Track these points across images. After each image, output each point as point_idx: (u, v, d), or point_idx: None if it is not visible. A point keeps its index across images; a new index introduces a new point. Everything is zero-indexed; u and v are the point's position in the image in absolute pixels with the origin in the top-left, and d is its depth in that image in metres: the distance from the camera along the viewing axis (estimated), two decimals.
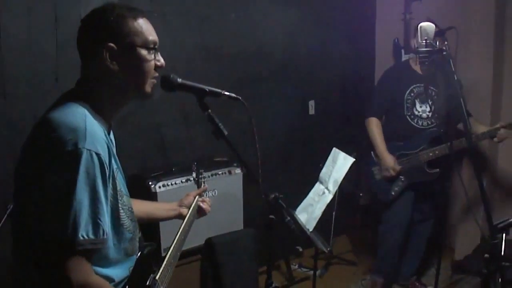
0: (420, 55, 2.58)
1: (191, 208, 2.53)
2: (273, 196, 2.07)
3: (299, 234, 2.35)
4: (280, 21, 4.69)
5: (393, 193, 4.22)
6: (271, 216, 2.06)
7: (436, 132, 4.13)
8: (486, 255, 2.57)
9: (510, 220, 2.71)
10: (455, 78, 3.85)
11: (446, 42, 2.73)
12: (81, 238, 1.59)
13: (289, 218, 2.07)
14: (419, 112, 4.19)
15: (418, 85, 4.17)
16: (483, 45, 4.73)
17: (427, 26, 2.56)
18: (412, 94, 4.18)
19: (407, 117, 4.20)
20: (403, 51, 5.15)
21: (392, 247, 4.35)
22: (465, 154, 4.71)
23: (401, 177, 4.20)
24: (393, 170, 4.16)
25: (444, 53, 2.55)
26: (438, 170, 4.15)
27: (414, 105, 4.19)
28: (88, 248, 1.62)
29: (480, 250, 4.84)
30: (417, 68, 4.19)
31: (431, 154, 4.10)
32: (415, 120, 4.20)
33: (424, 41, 2.54)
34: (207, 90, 1.99)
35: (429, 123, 4.20)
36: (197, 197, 2.63)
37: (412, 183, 4.21)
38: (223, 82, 4.27)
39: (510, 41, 4.75)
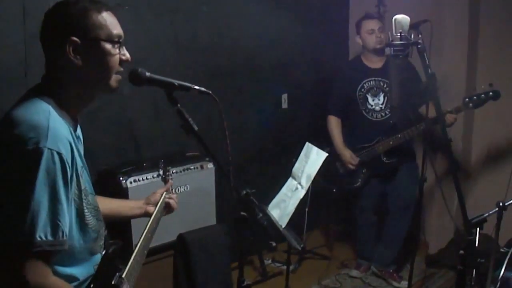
0: (395, 48, 2.55)
1: (158, 205, 2.47)
2: (244, 192, 2.03)
3: (271, 231, 2.31)
4: (253, 14, 4.63)
5: (357, 184, 4.42)
6: (243, 213, 2.02)
7: (390, 123, 4.27)
8: (461, 252, 2.56)
9: (484, 216, 2.71)
10: (430, 71, 3.86)
11: (420, 35, 2.69)
12: (39, 239, 1.55)
13: (261, 215, 2.03)
14: (372, 105, 4.34)
15: (369, 79, 4.32)
16: (457, 38, 4.76)
17: (402, 18, 2.51)
18: (363, 89, 4.33)
19: (362, 111, 4.36)
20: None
21: (364, 229, 4.64)
22: (439, 147, 4.73)
23: (362, 169, 4.38)
24: (351, 163, 4.34)
25: (419, 46, 2.53)
26: (395, 159, 4.30)
27: (367, 99, 4.34)
28: (46, 250, 1.58)
29: (454, 244, 4.87)
30: (368, 62, 4.36)
31: (386, 145, 4.23)
32: (370, 114, 4.35)
33: (398, 34, 2.51)
34: (176, 84, 1.94)
35: (383, 115, 4.34)
36: (164, 193, 2.57)
37: (376, 173, 4.41)
38: (195, 75, 4.22)
39: (483, 34, 4.77)
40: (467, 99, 4.01)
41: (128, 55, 1.85)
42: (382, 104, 4.33)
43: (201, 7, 4.35)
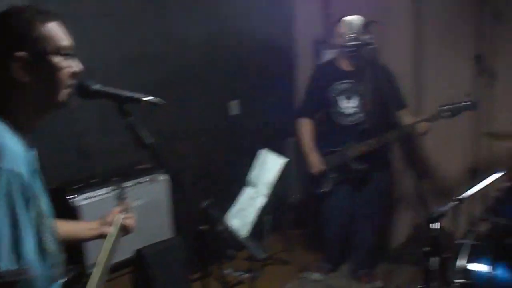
0: (348, 49, 2.53)
1: (114, 226, 2.35)
2: (205, 204, 1.97)
3: (233, 242, 2.26)
4: (200, 20, 4.56)
5: (324, 189, 4.28)
6: (204, 226, 1.96)
7: (362, 127, 4.15)
8: (426, 248, 2.56)
9: (443, 209, 2.73)
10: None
11: (370, 36, 2.67)
12: (4, 269, 1.46)
13: (223, 226, 1.97)
14: (344, 108, 4.22)
15: (341, 81, 4.20)
16: (402, 38, 4.83)
17: (354, 20, 2.51)
18: (336, 91, 4.21)
19: (334, 114, 4.24)
20: (323, 46, 5.13)
21: (331, 240, 4.53)
22: (398, 145, 4.76)
23: (332, 174, 4.25)
24: (317, 168, 4.23)
25: (372, 46, 2.51)
26: (366, 165, 4.17)
27: (339, 102, 4.22)
28: (11, 280, 1.48)
29: (414, 238, 4.91)
30: (341, 64, 4.21)
31: (357, 150, 4.12)
32: (342, 117, 4.23)
33: (351, 35, 2.49)
34: (126, 96, 1.86)
35: (356, 118, 4.22)
36: (120, 213, 2.44)
37: (344, 179, 4.26)
38: (140, 85, 4.09)
39: (428, 34, 4.85)
40: (443, 108, 3.94)
41: (80, 66, 1.76)
42: (355, 107, 4.22)
43: (146, 14, 4.25)
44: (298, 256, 5.02)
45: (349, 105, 4.20)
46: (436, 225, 2.63)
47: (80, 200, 3.51)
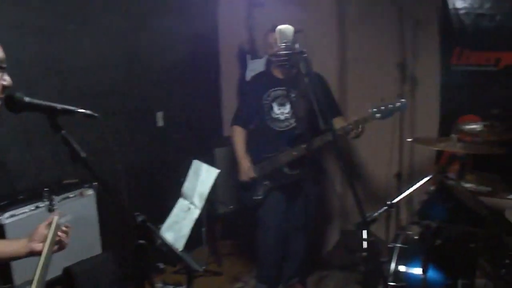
0: (280, 58, 2.53)
1: (47, 241, 2.23)
2: (140, 219, 1.91)
3: (170, 256, 2.22)
4: (122, 31, 4.48)
5: (257, 197, 4.24)
6: (141, 241, 1.91)
7: (294, 133, 4.16)
8: (364, 254, 2.59)
9: (375, 214, 2.78)
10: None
11: (297, 45, 2.68)
12: None
13: (160, 241, 1.93)
14: (277, 114, 4.23)
15: (275, 88, 4.21)
16: (327, 46, 4.94)
17: (286, 28, 2.50)
18: (269, 98, 4.22)
19: (267, 121, 4.24)
20: (248, 56, 5.14)
21: (267, 252, 4.40)
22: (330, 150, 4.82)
23: (264, 181, 4.23)
24: (247, 176, 4.21)
25: (305, 55, 2.52)
26: (298, 171, 4.16)
27: (272, 108, 4.22)
28: None
29: (343, 244, 4.99)
30: (276, 72, 4.24)
31: (289, 156, 4.11)
32: (275, 123, 4.24)
33: (283, 44, 2.49)
34: (59, 108, 1.79)
35: (288, 124, 4.23)
36: (52, 227, 2.31)
37: (279, 186, 4.24)
38: (66, 98, 3.98)
39: (351, 42, 4.99)
40: (375, 109, 3.94)
41: (9, 79, 1.68)
42: (287, 113, 4.21)
43: (70, 26, 4.13)
44: (230, 267, 5.00)
45: (281, 112, 4.22)
46: (369, 230, 2.66)
47: (4, 218, 3.35)
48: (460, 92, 4.77)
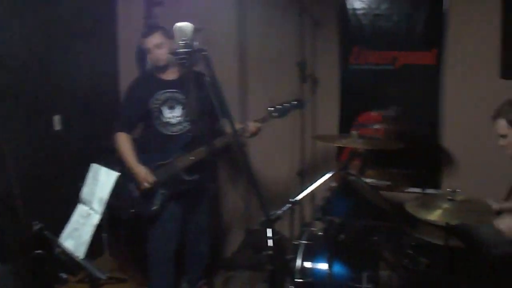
0: (180, 56, 2.48)
1: None
2: (37, 227, 1.82)
3: (70, 265, 2.13)
4: (20, 32, 4.28)
5: (154, 207, 4.02)
6: (39, 251, 1.82)
7: (189, 137, 4.03)
8: (269, 252, 2.58)
9: (278, 212, 2.79)
10: (215, 77, 3.87)
11: (196, 43, 2.63)
12: None
13: (59, 249, 1.84)
14: (168, 118, 4.05)
15: (163, 91, 4.04)
16: (226, 46, 4.94)
17: (185, 26, 2.45)
18: (158, 102, 4.03)
19: (157, 125, 4.05)
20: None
21: (162, 263, 4.22)
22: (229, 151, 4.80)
23: (160, 189, 4.02)
24: (147, 181, 3.95)
25: (205, 53, 2.49)
26: (197, 176, 4.04)
27: (162, 112, 4.04)
28: None
29: (245, 243, 5.01)
30: (161, 74, 4.08)
31: (186, 160, 3.97)
32: (166, 127, 4.05)
33: (182, 42, 2.44)
34: None
35: (181, 128, 4.08)
36: None
37: (175, 193, 4.06)
38: None
39: (251, 42, 5.06)
40: (272, 108, 4.00)
41: None
42: (179, 116, 4.05)
43: None
44: (135, 273, 4.88)
45: (173, 115, 4.05)
46: (273, 228, 2.65)
47: None
48: (359, 91, 4.91)
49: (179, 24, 2.47)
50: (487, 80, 4.38)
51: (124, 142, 4.06)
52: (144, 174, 3.95)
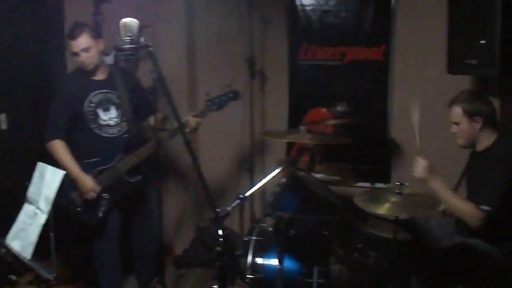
0: (125, 52, 2.44)
1: None
2: None
3: (17, 266, 2.08)
4: None
5: (100, 214, 3.86)
6: None
7: (128, 138, 3.91)
8: (218, 248, 2.57)
9: (228, 209, 2.78)
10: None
11: (142, 39, 2.60)
12: None
13: (3, 250, 1.79)
14: (105, 120, 3.89)
15: (96, 92, 3.88)
16: (175, 43, 4.91)
17: (130, 22, 2.41)
18: (92, 104, 3.86)
19: (94, 129, 3.88)
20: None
21: (108, 268, 4.12)
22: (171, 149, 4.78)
23: (104, 195, 3.85)
24: (93, 191, 3.77)
25: (150, 49, 2.46)
26: (140, 177, 3.96)
27: (98, 114, 3.88)
28: None
29: (196, 241, 5.00)
30: (90, 75, 3.91)
31: (128, 162, 3.86)
32: (104, 130, 3.89)
33: (128, 38, 2.41)
34: None
35: (120, 129, 3.94)
36: None
37: (119, 197, 3.93)
38: None
39: (200, 39, 5.08)
40: (208, 102, 4.00)
41: None
42: (116, 118, 3.90)
43: None
44: (85, 273, 4.79)
45: (109, 117, 3.90)
46: (223, 225, 2.65)
47: None
48: (308, 86, 4.95)
49: (124, 20, 2.43)
50: (435, 75, 4.46)
51: (61, 150, 3.82)
52: (90, 184, 3.75)
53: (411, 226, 3.60)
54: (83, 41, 3.77)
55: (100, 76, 3.94)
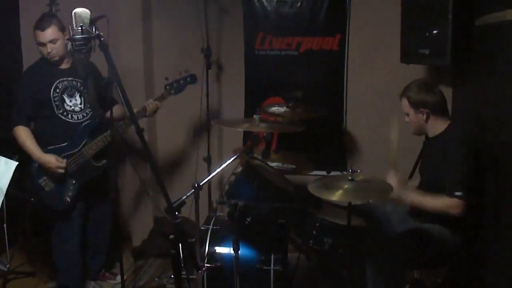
0: (77, 43, 2.43)
1: None
2: None
3: None
4: None
5: (68, 199, 3.93)
6: None
7: (93, 123, 4.00)
8: (172, 236, 2.60)
9: (183, 198, 2.80)
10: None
11: (97, 31, 2.58)
12: None
13: None
14: (70, 107, 3.98)
15: (61, 79, 3.96)
16: (132, 33, 4.91)
17: (82, 12, 2.40)
18: (58, 90, 3.94)
19: (60, 115, 3.95)
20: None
21: (72, 258, 4.16)
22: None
23: (72, 180, 3.94)
24: (60, 167, 3.83)
25: (102, 39, 2.45)
26: (105, 160, 4.04)
27: (64, 101, 3.96)
28: None
29: (154, 231, 5.00)
30: (56, 62, 3.96)
31: (94, 147, 3.95)
32: (69, 116, 3.97)
33: (79, 28, 2.39)
34: None
35: (84, 115, 4.03)
36: None
37: (85, 183, 4.00)
38: None
39: (157, 29, 5.10)
40: (168, 86, 4.12)
41: None
42: (80, 104, 4.00)
43: None
44: (44, 266, 4.75)
45: (74, 103, 3.99)
46: (178, 214, 2.67)
47: None
48: (264, 76, 4.99)
49: (77, 10, 2.42)
50: (389, 65, 4.54)
51: (25, 136, 3.89)
52: (55, 161, 3.82)
53: (366, 212, 3.66)
54: (51, 33, 3.84)
55: (65, 65, 4.01)
